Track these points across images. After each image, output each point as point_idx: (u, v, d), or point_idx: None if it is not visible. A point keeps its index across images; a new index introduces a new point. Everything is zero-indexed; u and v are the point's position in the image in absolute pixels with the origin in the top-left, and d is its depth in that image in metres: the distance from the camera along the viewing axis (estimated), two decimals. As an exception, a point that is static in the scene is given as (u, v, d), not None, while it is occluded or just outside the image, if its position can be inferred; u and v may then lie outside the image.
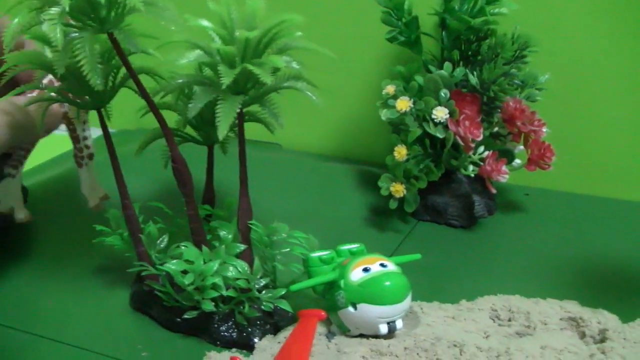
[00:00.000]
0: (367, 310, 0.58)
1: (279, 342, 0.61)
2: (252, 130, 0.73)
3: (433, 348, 0.57)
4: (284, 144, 1.13)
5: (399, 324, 0.59)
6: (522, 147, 0.87)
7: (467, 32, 0.85)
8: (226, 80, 0.56)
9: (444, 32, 0.87)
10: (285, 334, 0.62)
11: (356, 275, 0.59)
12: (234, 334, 0.65)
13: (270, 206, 0.86)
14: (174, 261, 0.65)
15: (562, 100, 0.95)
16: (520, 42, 0.83)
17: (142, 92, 0.61)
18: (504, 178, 0.82)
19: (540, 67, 0.87)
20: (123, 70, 0.63)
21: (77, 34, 0.55)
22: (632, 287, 0.75)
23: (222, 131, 0.57)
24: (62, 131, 0.76)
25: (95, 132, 0.74)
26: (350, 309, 0.59)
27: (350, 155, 1.10)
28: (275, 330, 0.65)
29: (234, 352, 0.63)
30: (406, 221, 0.88)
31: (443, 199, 0.87)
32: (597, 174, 0.98)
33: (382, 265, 0.60)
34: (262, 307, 0.65)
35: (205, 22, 0.60)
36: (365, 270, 0.59)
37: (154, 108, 0.62)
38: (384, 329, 0.59)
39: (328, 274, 0.62)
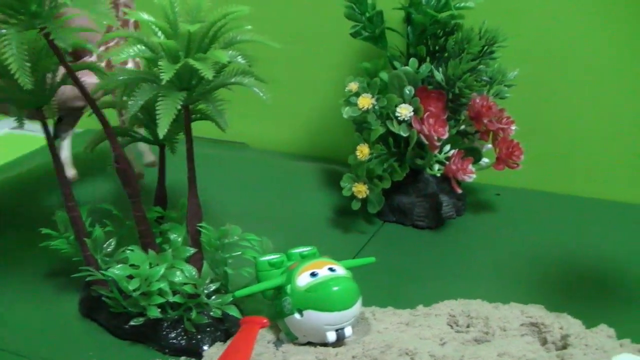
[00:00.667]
0: (314, 317, 0.56)
1: (228, 350, 0.59)
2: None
3: (382, 357, 0.55)
4: (249, 143, 1.10)
5: (348, 331, 0.57)
6: (490, 145, 0.85)
7: (433, 26, 0.82)
8: (166, 75, 0.54)
9: (409, 27, 0.84)
10: (235, 341, 0.60)
11: (303, 280, 0.57)
12: (183, 341, 0.63)
13: (232, 207, 0.84)
14: (119, 266, 0.63)
15: (533, 97, 0.92)
16: (488, 37, 0.80)
17: (81, 90, 0.59)
18: (470, 177, 0.80)
19: (509, 63, 0.85)
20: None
21: (4, 31, 0.52)
22: (601, 289, 0.73)
23: (162, 128, 0.55)
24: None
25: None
26: (297, 315, 0.57)
27: (317, 154, 1.07)
28: (227, 337, 0.63)
29: (181, 360, 0.61)
30: (372, 222, 0.86)
31: (409, 199, 0.85)
32: (569, 172, 0.96)
33: (330, 269, 0.57)
34: (212, 313, 0.63)
35: (146, 16, 0.58)
36: (313, 275, 0.57)
37: (94, 106, 0.60)
38: (332, 336, 0.56)
39: (274, 279, 0.59)
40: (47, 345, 0.64)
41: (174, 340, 0.62)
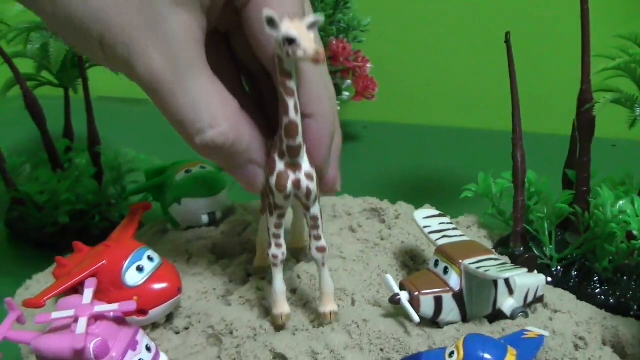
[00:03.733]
0: (189, 204, 0.69)
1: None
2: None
3: (245, 233, 0.69)
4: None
5: (218, 214, 0.70)
6: (350, 81, 1.00)
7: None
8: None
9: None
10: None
11: (179, 176, 0.70)
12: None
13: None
14: (32, 183, 0.75)
15: (385, 40, 1.08)
16: (342, -10, 0.95)
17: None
18: (330, 107, 0.95)
19: (364, 12, 1.00)
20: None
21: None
22: (440, 192, 0.88)
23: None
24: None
25: None
26: (176, 204, 0.70)
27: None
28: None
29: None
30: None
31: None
32: (417, 105, 1.13)
33: (202, 167, 0.71)
34: (110, 217, 0.76)
35: None
36: (187, 171, 0.70)
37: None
38: (205, 219, 0.70)
39: (158, 178, 0.73)
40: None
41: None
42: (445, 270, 0.56)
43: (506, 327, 0.56)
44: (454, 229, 0.62)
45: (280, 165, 0.49)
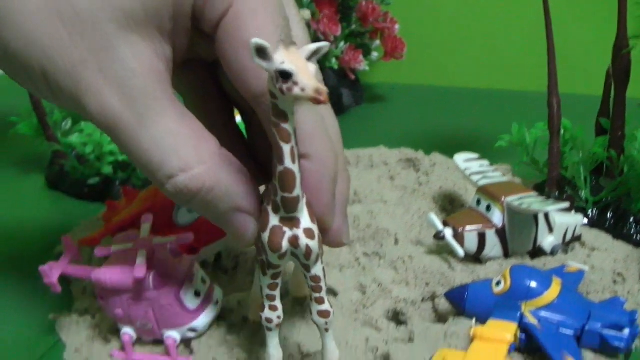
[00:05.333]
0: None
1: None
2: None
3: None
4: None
5: None
6: (379, 42, 1.02)
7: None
8: None
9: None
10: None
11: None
12: (134, 197, 0.77)
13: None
14: (76, 134, 0.77)
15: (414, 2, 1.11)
16: (371, -49, 0.97)
17: None
18: (360, 66, 0.97)
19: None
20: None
21: None
22: (471, 145, 0.88)
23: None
24: None
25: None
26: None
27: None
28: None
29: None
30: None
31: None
32: (446, 67, 1.14)
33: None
34: (154, 169, 0.78)
35: None
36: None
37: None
38: None
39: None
40: (18, 214, 0.76)
41: (126, 197, 0.77)
42: (488, 208, 0.58)
43: (547, 263, 0.58)
44: (493, 170, 0.64)
45: (274, 220, 0.39)
